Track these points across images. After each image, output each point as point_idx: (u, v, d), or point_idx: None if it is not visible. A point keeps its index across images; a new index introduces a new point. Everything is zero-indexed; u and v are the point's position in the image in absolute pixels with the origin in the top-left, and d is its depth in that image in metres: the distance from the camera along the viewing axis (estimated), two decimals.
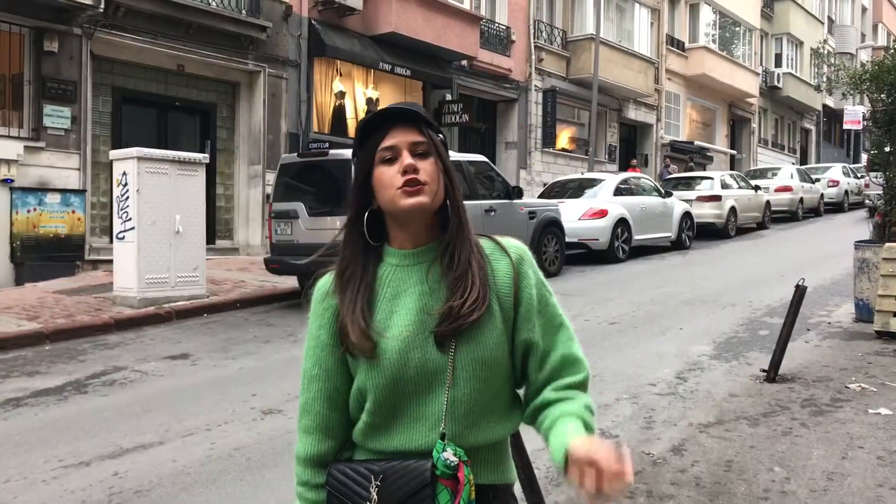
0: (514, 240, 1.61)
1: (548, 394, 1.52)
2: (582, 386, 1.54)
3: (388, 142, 1.50)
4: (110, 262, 10.37)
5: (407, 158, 1.48)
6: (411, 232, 1.54)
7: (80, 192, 11.68)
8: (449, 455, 1.43)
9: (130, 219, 9.38)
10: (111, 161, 10.02)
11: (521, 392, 1.60)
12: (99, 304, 9.48)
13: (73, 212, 11.55)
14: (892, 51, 9.01)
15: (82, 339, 8.16)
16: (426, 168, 1.49)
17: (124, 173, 9.49)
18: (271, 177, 12.14)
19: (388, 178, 1.49)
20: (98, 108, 12.52)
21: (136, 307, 9.23)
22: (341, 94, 16.57)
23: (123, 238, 9.51)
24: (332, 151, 9.93)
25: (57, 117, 11.49)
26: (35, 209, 11.16)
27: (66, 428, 5.29)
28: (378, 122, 1.52)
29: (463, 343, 1.46)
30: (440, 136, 1.56)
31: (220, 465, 4.49)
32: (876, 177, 9.14)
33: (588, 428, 1.43)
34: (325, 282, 1.61)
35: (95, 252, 12.00)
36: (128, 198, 9.43)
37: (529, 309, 1.53)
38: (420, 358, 1.47)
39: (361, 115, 17.06)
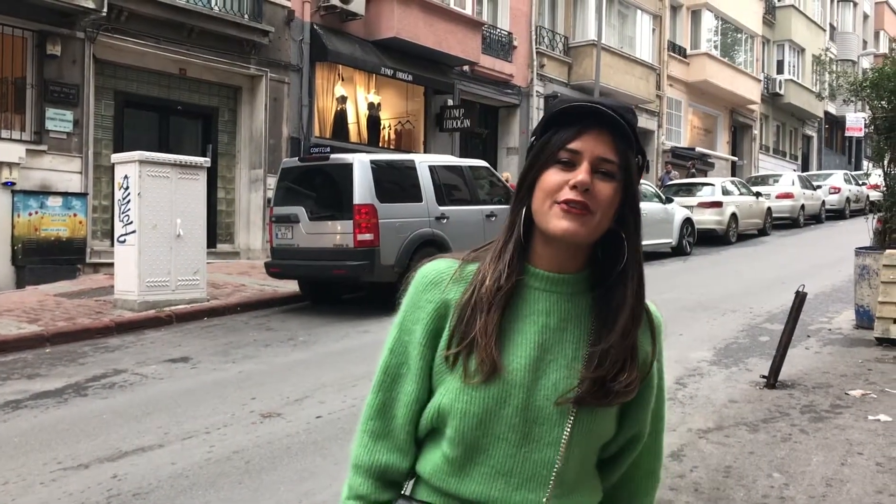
0: (653, 304, 1.37)
1: None
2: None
3: (576, 144, 1.24)
4: (111, 265, 10.38)
5: (583, 173, 1.22)
6: (555, 253, 1.29)
7: (81, 195, 11.70)
8: None
9: (132, 222, 9.40)
10: (113, 164, 10.04)
11: None
12: (99, 307, 9.49)
13: (75, 215, 11.56)
14: (891, 58, 9.02)
15: (82, 342, 8.16)
16: (601, 193, 1.23)
17: (126, 177, 9.50)
18: (272, 181, 12.15)
19: (554, 184, 1.24)
20: (100, 111, 12.54)
21: (137, 310, 9.24)
22: (343, 99, 16.59)
23: (124, 241, 9.52)
24: (333, 156, 9.94)
25: (59, 121, 11.51)
26: (37, 212, 11.17)
27: (65, 430, 5.29)
28: (577, 114, 1.26)
29: (583, 412, 1.26)
30: (639, 158, 1.29)
31: (219, 469, 4.49)
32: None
33: None
34: (435, 269, 1.34)
35: (97, 255, 12.01)
36: (129, 201, 9.44)
37: (649, 394, 1.34)
38: (524, 400, 1.25)
39: (363, 120, 17.11)
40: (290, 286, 10.84)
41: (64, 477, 4.41)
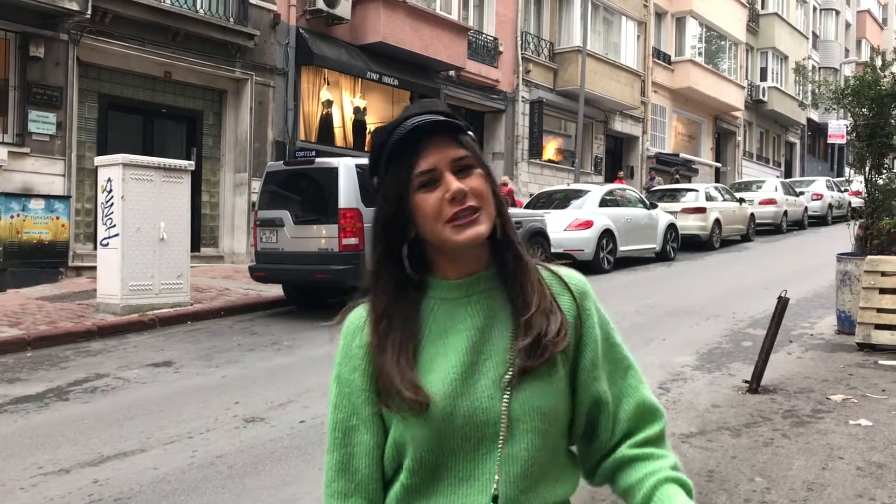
0: (573, 270, 1.38)
1: (626, 450, 1.31)
2: (661, 439, 1.34)
3: (424, 164, 1.24)
4: (94, 268, 10.32)
5: (453, 183, 1.23)
6: (461, 261, 1.30)
7: (64, 198, 11.62)
8: None
9: (115, 225, 9.34)
10: (96, 167, 9.98)
11: (574, 449, 1.40)
12: (82, 311, 9.42)
13: (57, 218, 11.48)
14: (872, 66, 9.11)
15: (64, 346, 8.10)
16: (475, 187, 1.25)
17: (109, 180, 9.45)
18: (257, 185, 12.13)
19: (433, 207, 1.24)
20: (84, 114, 12.48)
21: (120, 314, 9.18)
22: (328, 103, 16.58)
23: (107, 245, 9.46)
24: (318, 160, 9.92)
25: (42, 123, 11.44)
26: (19, 215, 11.09)
27: (46, 435, 5.25)
28: (407, 139, 1.25)
29: (519, 391, 1.24)
30: (470, 134, 1.31)
31: (202, 473, 4.47)
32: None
33: (689, 493, 1.25)
34: (356, 315, 1.36)
35: (79, 258, 11.94)
36: (112, 204, 9.39)
37: (595, 355, 1.32)
38: (469, 407, 1.25)
39: (349, 124, 17.10)
40: (275, 290, 10.81)
41: (45, 482, 4.37)
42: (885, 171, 9.03)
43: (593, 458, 1.35)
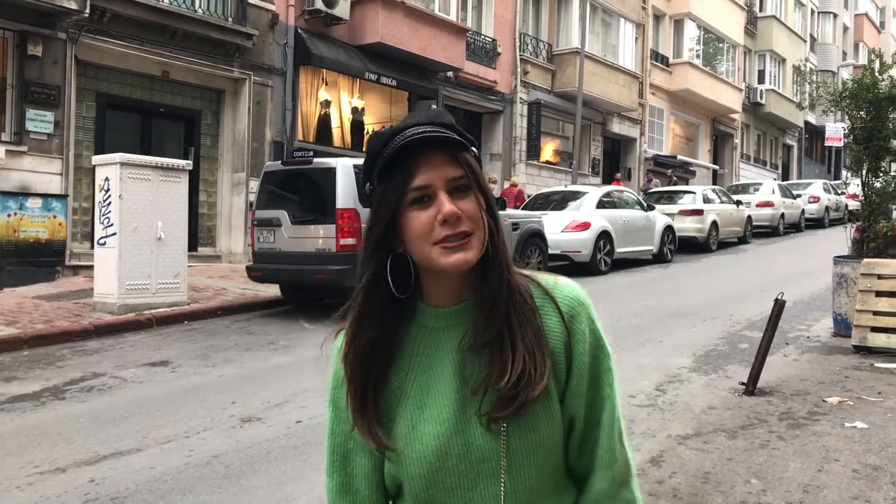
0: (566, 282, 1.29)
1: None
2: (614, 488, 1.28)
3: (419, 180, 1.18)
4: (91, 267, 10.30)
5: (446, 204, 1.17)
6: (449, 286, 1.25)
7: (61, 197, 11.61)
8: None
9: (112, 224, 9.33)
10: (94, 166, 9.97)
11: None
12: (79, 310, 9.41)
13: (55, 217, 11.47)
14: (870, 69, 9.12)
15: (61, 345, 8.09)
16: (468, 210, 1.19)
17: (107, 179, 9.44)
18: (255, 184, 12.12)
19: (423, 227, 1.18)
20: (81, 113, 12.46)
21: (117, 313, 9.17)
22: (327, 103, 16.58)
23: (105, 244, 9.45)
24: (316, 160, 9.92)
25: (40, 122, 11.42)
26: (16, 213, 11.07)
27: (42, 434, 5.24)
28: (403, 151, 1.19)
29: (516, 425, 1.20)
30: (473, 149, 1.24)
31: (198, 473, 4.47)
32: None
33: None
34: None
35: (76, 257, 11.92)
36: (110, 203, 9.38)
37: (580, 382, 1.24)
38: (463, 445, 1.21)
39: (347, 125, 17.09)
40: (272, 290, 10.80)
41: (41, 481, 4.37)
42: (881, 175, 9.04)
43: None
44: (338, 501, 1.33)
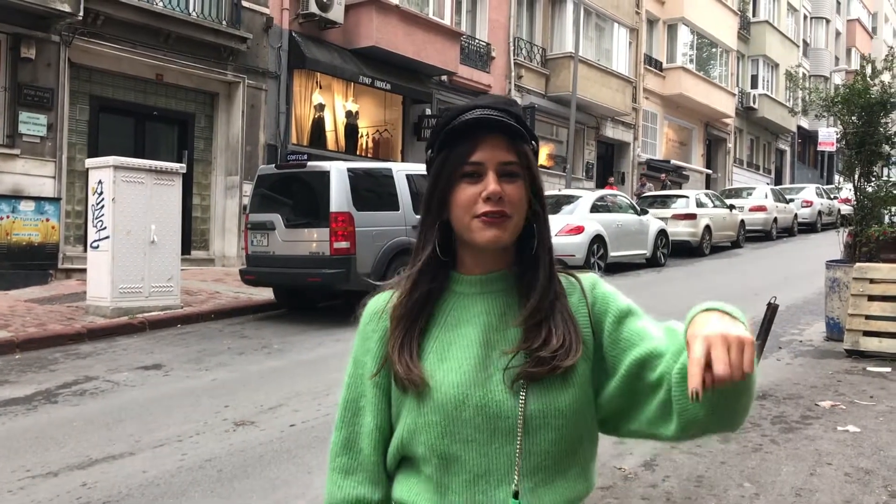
0: (588, 271, 1.44)
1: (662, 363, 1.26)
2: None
3: (476, 156, 1.29)
4: (84, 270, 10.27)
5: (492, 183, 1.28)
6: (482, 258, 1.35)
7: (54, 200, 11.58)
8: None
9: (105, 228, 9.31)
10: (87, 169, 9.95)
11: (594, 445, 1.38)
12: (71, 313, 9.38)
13: (48, 220, 11.43)
14: (862, 74, 9.17)
15: (53, 349, 8.06)
16: (512, 195, 1.29)
17: (100, 182, 9.42)
18: (248, 188, 12.10)
19: (468, 199, 1.29)
20: (75, 115, 12.43)
21: (109, 317, 9.15)
22: (321, 107, 16.57)
23: (98, 247, 9.43)
24: (310, 163, 9.94)
25: (33, 124, 11.39)
26: (8, 216, 11.03)
27: (34, 438, 5.22)
28: (467, 127, 1.30)
29: (535, 389, 1.26)
30: (534, 143, 1.35)
31: (191, 477, 4.46)
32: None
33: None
34: (378, 301, 1.41)
35: (69, 261, 11.88)
36: (103, 206, 9.36)
37: (613, 328, 1.33)
38: (481, 397, 1.26)
39: (341, 128, 17.09)
40: (265, 294, 10.79)
41: (33, 485, 4.35)
42: (874, 179, 9.09)
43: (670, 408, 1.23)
44: (341, 454, 1.39)
